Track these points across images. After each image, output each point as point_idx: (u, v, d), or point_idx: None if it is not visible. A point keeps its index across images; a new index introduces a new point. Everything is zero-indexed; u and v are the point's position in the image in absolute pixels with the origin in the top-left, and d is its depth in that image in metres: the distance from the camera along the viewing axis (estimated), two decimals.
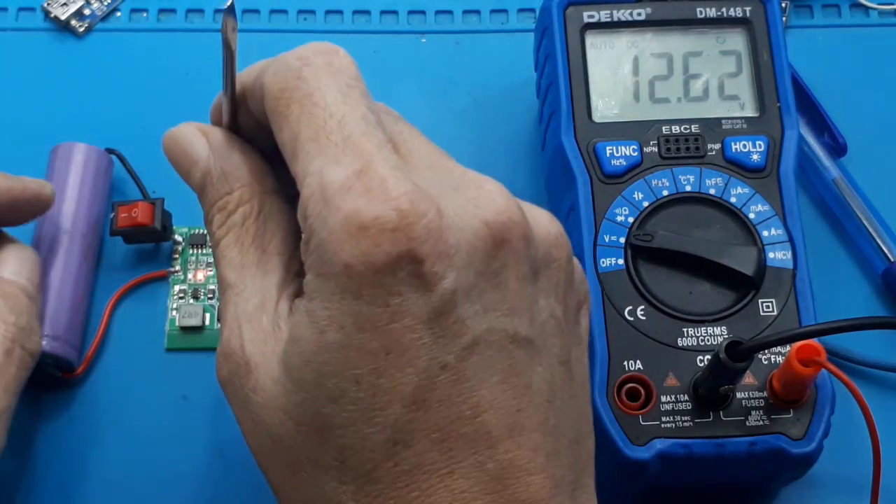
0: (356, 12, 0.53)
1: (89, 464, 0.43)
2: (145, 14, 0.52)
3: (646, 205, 0.40)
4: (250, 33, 0.51)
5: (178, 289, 0.46)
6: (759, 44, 0.43)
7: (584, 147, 0.41)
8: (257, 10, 0.53)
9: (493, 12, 0.53)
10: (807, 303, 0.39)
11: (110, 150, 0.47)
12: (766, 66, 0.43)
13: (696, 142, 0.41)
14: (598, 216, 0.40)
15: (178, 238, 0.47)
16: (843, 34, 0.52)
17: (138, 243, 0.46)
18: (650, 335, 0.38)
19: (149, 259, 0.47)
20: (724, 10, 0.43)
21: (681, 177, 0.41)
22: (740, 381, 0.37)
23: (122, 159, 0.47)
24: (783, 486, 0.41)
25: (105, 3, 0.52)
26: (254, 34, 0.51)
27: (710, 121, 0.42)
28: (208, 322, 0.45)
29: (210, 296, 0.46)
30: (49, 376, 0.43)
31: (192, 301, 0.45)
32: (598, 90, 0.43)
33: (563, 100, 0.42)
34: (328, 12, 0.53)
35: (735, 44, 0.43)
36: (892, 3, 0.53)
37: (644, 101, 0.43)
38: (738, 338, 0.35)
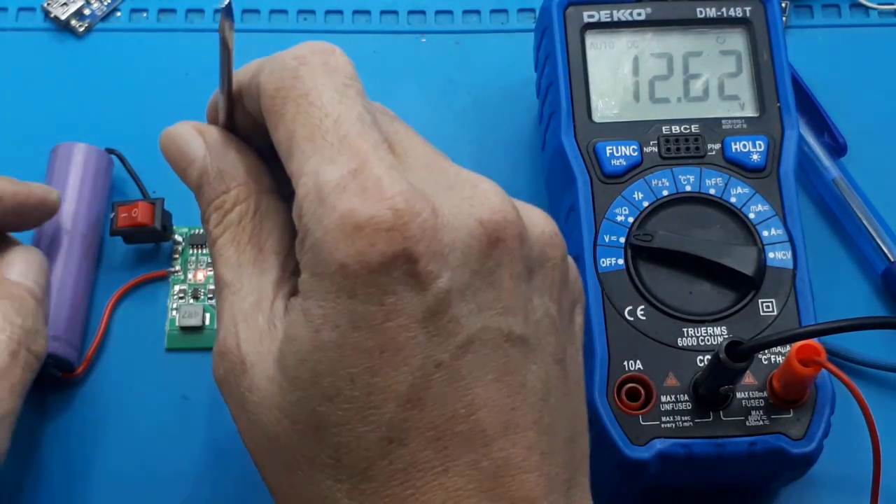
0: (356, 12, 0.53)
1: (89, 463, 0.43)
2: (145, 14, 0.52)
3: (646, 205, 0.40)
4: (250, 33, 0.51)
5: (178, 289, 0.46)
6: (759, 44, 0.43)
7: (584, 147, 0.41)
8: (257, 10, 0.53)
9: (493, 12, 0.53)
10: (807, 303, 0.39)
11: (110, 150, 0.47)
12: (766, 66, 0.43)
13: (696, 142, 0.41)
14: (598, 216, 0.40)
15: (178, 238, 0.47)
16: (843, 34, 0.52)
17: (138, 243, 0.46)
18: (650, 335, 0.38)
19: (149, 259, 0.47)
20: (724, 10, 0.43)
21: (681, 177, 0.41)
22: (740, 381, 0.37)
23: (122, 159, 0.47)
24: (783, 486, 0.41)
25: (105, 3, 0.52)
26: (253, 34, 0.51)
27: (710, 121, 0.42)
28: (208, 322, 0.45)
29: (210, 296, 0.46)
30: (49, 376, 0.43)
31: (192, 301, 0.46)
32: (598, 90, 0.43)
33: (563, 100, 0.42)
34: (328, 12, 0.53)
35: (735, 44, 0.43)
36: (892, 3, 0.53)
37: (644, 101, 0.43)
38: (738, 338, 0.35)
